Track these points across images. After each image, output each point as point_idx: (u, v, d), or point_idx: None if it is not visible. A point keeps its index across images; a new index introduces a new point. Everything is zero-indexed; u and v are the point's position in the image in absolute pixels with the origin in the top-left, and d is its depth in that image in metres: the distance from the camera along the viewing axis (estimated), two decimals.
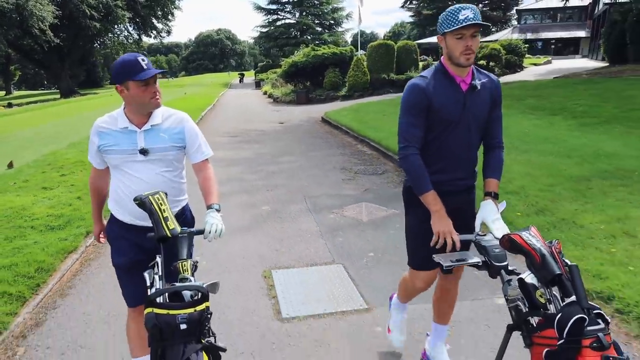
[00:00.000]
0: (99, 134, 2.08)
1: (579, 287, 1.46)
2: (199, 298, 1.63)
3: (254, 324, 3.08)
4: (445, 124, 2.12)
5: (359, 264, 3.99)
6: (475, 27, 1.96)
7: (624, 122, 8.28)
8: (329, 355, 2.75)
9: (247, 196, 6.30)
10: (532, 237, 1.61)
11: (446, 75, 2.10)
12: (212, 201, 2.08)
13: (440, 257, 1.78)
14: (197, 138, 2.20)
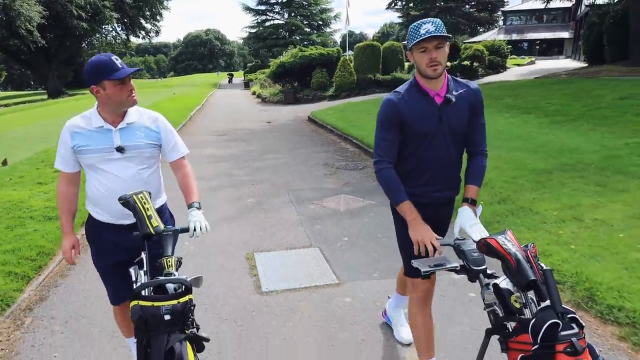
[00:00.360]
0: (72, 134, 2.08)
1: (553, 291, 1.47)
2: (182, 291, 1.70)
3: (237, 297, 3.47)
4: (420, 138, 2.14)
5: (333, 247, 4.39)
6: (437, 40, 1.97)
7: (590, 119, 8.79)
8: (302, 320, 3.14)
9: (233, 190, 6.67)
10: (508, 241, 1.62)
11: (419, 89, 2.12)
12: (192, 199, 2.13)
13: (419, 263, 1.76)
14: (172, 136, 2.24)
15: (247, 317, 3.20)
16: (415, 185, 2.21)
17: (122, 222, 2.09)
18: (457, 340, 2.86)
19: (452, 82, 2.15)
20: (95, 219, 2.20)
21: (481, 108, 2.21)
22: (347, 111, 14.64)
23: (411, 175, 2.21)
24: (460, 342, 2.84)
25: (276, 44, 46.56)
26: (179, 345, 1.63)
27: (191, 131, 13.23)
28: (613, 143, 7.08)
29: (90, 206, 2.20)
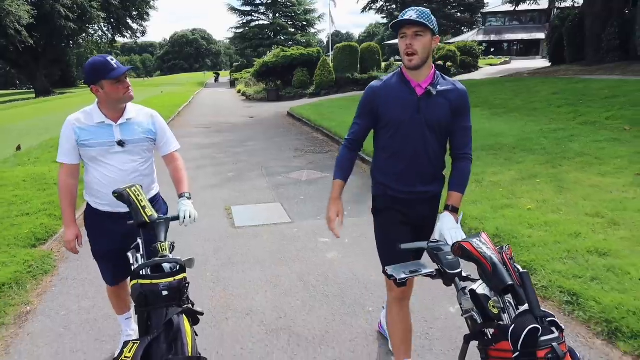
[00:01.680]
0: (74, 129, 2.25)
1: (530, 294, 1.43)
2: (177, 269, 1.87)
3: (217, 229, 4.85)
4: (395, 127, 2.13)
5: (291, 202, 5.80)
6: (416, 27, 1.94)
7: (522, 111, 10.32)
8: (262, 241, 4.53)
9: (216, 167, 8.03)
10: (483, 244, 1.56)
11: (402, 78, 2.12)
12: (183, 190, 2.33)
13: (393, 270, 1.69)
14: (165, 132, 2.44)
15: (223, 239, 4.59)
16: (389, 176, 2.21)
17: (119, 210, 2.23)
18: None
19: (439, 78, 2.13)
20: (93, 208, 2.38)
21: (466, 110, 2.17)
22: (322, 107, 16.03)
23: (386, 165, 2.22)
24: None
25: (261, 44, 47.79)
26: (176, 318, 1.76)
27: (179, 125, 14.50)
28: (531, 129, 8.59)
29: (89, 196, 2.38)
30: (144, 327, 1.82)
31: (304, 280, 3.69)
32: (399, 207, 2.22)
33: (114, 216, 2.29)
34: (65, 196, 2.39)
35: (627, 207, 4.52)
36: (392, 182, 2.21)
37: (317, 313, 3.19)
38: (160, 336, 1.72)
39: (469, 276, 1.64)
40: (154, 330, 1.75)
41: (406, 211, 2.22)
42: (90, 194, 2.36)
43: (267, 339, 2.91)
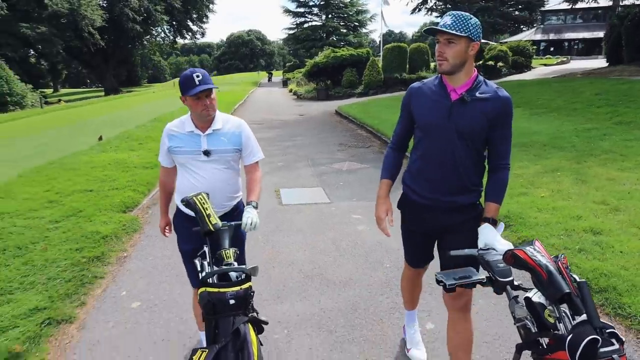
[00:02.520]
0: (169, 136, 2.39)
1: (589, 305, 1.37)
2: (243, 278, 1.88)
3: (268, 206, 5.76)
4: (425, 129, 2.14)
5: (331, 187, 6.63)
6: (448, 34, 1.92)
7: (562, 111, 10.56)
8: (304, 215, 5.39)
9: (268, 158, 8.98)
10: (537, 252, 1.53)
11: (440, 82, 2.11)
12: (251, 198, 2.37)
13: (443, 275, 1.70)
14: (250, 142, 2.48)
15: (273, 213, 5.49)
16: (415, 180, 2.23)
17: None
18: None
19: (481, 84, 2.06)
20: (180, 210, 2.49)
21: (508, 119, 2.08)
22: (369, 106, 16.74)
23: (414, 168, 2.22)
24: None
25: (314, 45, 48.91)
26: (243, 327, 1.79)
27: None
28: (566, 128, 8.92)
29: (178, 198, 2.49)
30: (211, 335, 1.85)
31: (336, 244, 4.50)
32: (420, 213, 2.23)
33: (194, 219, 2.33)
34: (161, 191, 2.70)
35: (634, 197, 4.99)
36: (416, 187, 2.21)
37: (344, 267, 4.00)
38: (227, 345, 1.76)
39: (520, 285, 1.61)
40: (221, 338, 1.78)
41: (426, 218, 2.22)
42: (178, 195, 2.48)
43: (303, 281, 3.76)
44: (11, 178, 6.96)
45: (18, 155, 9.42)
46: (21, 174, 7.16)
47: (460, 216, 2.18)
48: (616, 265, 3.55)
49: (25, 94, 31.13)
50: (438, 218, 2.19)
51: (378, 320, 3.15)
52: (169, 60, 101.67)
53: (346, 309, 3.31)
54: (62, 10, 37.35)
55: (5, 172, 7.44)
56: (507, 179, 2.17)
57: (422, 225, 2.26)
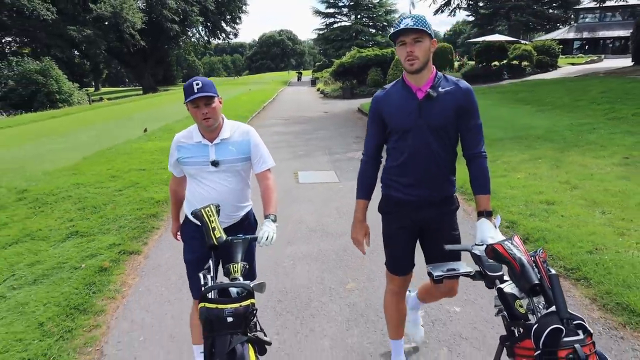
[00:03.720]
0: (177, 147, 2.37)
1: (558, 296, 1.45)
2: (245, 295, 1.82)
3: (287, 184, 6.92)
4: (399, 132, 2.17)
5: (342, 171, 7.75)
6: (415, 33, 1.96)
7: (565, 108, 11.29)
8: (316, 191, 6.53)
9: (291, 148, 10.19)
10: (514, 246, 1.62)
11: (403, 85, 2.15)
12: (269, 211, 2.29)
13: (432, 267, 1.77)
14: (259, 149, 2.43)
15: (290, 189, 6.65)
16: (395, 181, 2.25)
17: None
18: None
19: (441, 79, 2.13)
20: (188, 218, 2.45)
21: (473, 109, 2.14)
22: None
23: (393, 170, 2.25)
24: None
25: (342, 45, 49.90)
26: (240, 347, 1.73)
27: (264, 117, 17.02)
28: (563, 123, 9.71)
29: (187, 208, 2.45)
30: (207, 354, 1.78)
31: (339, 210, 5.62)
32: (404, 210, 2.26)
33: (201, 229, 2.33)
34: (172, 199, 2.70)
35: (594, 178, 5.88)
36: (398, 187, 2.24)
37: (341, 224, 5.11)
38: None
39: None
40: (216, 358, 1.73)
41: (410, 214, 2.26)
42: (188, 205, 2.45)
43: (309, 233, 4.90)
44: (78, 160, 8.41)
45: (77, 144, 10.95)
46: (85, 157, 8.61)
47: (442, 208, 2.26)
48: (553, 225, 4.53)
49: (72, 92, 33.52)
50: (422, 212, 2.24)
51: (361, 257, 4.25)
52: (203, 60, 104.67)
53: (338, 250, 4.43)
54: (106, 14, 39.78)
55: (72, 156, 8.90)
56: (487, 166, 2.19)
57: (407, 221, 2.28)
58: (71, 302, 3.49)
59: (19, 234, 5.00)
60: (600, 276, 3.46)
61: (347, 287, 3.70)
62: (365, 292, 3.61)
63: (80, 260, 4.22)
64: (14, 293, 3.71)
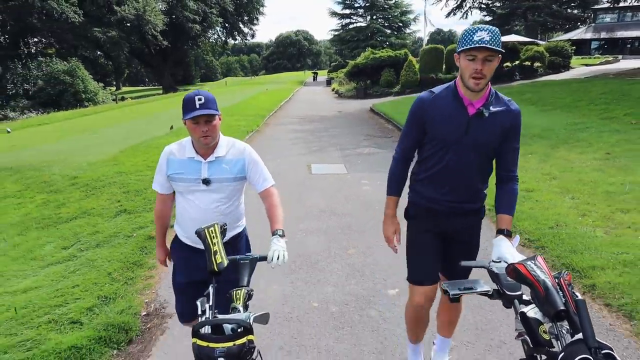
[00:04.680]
0: (168, 161, 2.25)
1: (585, 323, 1.35)
2: (241, 331, 1.62)
3: (301, 175, 7.80)
4: (442, 144, 2.12)
5: (351, 164, 8.60)
6: (489, 51, 1.88)
7: (565, 108, 11.92)
8: (327, 181, 7.39)
9: (305, 144, 11.07)
10: (537, 267, 1.53)
11: (456, 95, 2.07)
12: (276, 227, 2.15)
13: (448, 285, 1.71)
14: (257, 167, 2.30)
15: (304, 179, 7.53)
16: (429, 190, 2.22)
17: (199, 246, 2.10)
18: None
19: (494, 97, 2.08)
20: (177, 237, 2.38)
21: (517, 132, 2.12)
22: (401, 103, 18.45)
23: (427, 179, 2.22)
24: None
25: (357, 45, 50.71)
26: None
27: (281, 116, 17.94)
28: (560, 122, 10.39)
29: (176, 226, 2.38)
30: None
31: (346, 197, 6.48)
32: (432, 217, 2.25)
33: (194, 250, 2.27)
34: (157, 221, 2.50)
35: (573, 170, 6.62)
36: (430, 195, 2.21)
37: (347, 207, 5.96)
38: None
39: (530, 300, 1.58)
40: None
41: (438, 222, 2.24)
42: (177, 223, 2.36)
43: (319, 213, 5.77)
44: (115, 153, 9.42)
45: (110, 139, 12.00)
46: (122, 151, 9.62)
47: (471, 219, 2.28)
48: (527, 208, 5.31)
49: (97, 92, 35.05)
50: (451, 221, 2.23)
51: (361, 231, 5.11)
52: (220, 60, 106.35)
53: (343, 226, 5.29)
54: (129, 16, 41.22)
55: (108, 150, 9.92)
56: (517, 190, 2.21)
57: (435, 227, 2.26)
58: (130, 259, 4.42)
59: (77, 211, 5.97)
60: (555, 245, 4.26)
61: (348, 252, 4.56)
62: (362, 256, 4.46)
63: (131, 230, 5.16)
64: (83, 253, 4.67)
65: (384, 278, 3.97)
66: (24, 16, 35.34)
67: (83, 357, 2.98)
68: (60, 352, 2.97)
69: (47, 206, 6.31)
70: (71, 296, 3.73)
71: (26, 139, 13.38)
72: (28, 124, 19.15)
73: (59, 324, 3.33)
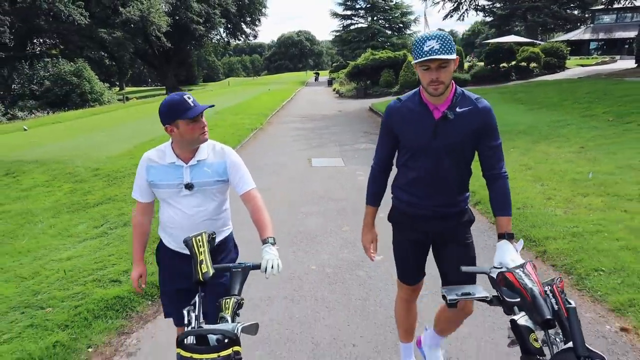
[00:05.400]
0: (147, 168, 2.20)
1: (575, 332, 1.36)
2: (227, 342, 1.58)
3: (302, 167, 8.52)
4: (412, 151, 2.14)
5: (348, 158, 9.33)
6: (439, 60, 1.86)
7: (551, 107, 12.61)
8: (325, 172, 8.11)
9: (307, 140, 11.80)
10: (526, 275, 1.54)
11: (420, 101, 2.08)
12: (266, 235, 2.08)
13: (446, 290, 1.68)
14: (239, 170, 2.26)
15: (305, 171, 8.25)
16: (406, 195, 2.24)
17: (185, 251, 2.06)
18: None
19: (460, 97, 2.07)
20: (164, 244, 2.33)
21: (492, 129, 2.10)
22: None
23: (404, 185, 2.24)
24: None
25: (359, 46, 51.38)
26: None
27: (283, 115, 18.67)
28: (544, 119, 11.08)
29: (161, 232, 2.34)
30: None
31: (342, 185, 7.20)
32: (413, 221, 2.26)
33: (181, 256, 2.22)
34: (136, 234, 2.39)
35: (548, 162, 7.32)
36: (408, 200, 2.23)
37: (342, 193, 6.68)
38: None
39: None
40: None
41: (419, 226, 2.26)
42: (162, 229, 2.33)
43: (318, 198, 6.49)
44: (130, 148, 10.16)
45: (122, 137, 12.74)
46: (136, 146, 10.36)
47: (452, 222, 2.24)
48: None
49: (103, 92, 35.79)
50: (431, 224, 2.23)
51: (354, 213, 5.82)
52: (222, 60, 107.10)
53: (339, 209, 6.01)
54: (134, 18, 42.00)
55: (122, 146, 10.66)
56: (508, 187, 2.15)
57: (416, 232, 2.28)
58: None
59: (102, 197, 6.71)
60: (519, 222, 4.97)
61: (343, 229, 5.28)
62: (355, 232, 5.17)
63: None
64: (112, 231, 5.39)
65: None
66: (31, 18, 36.15)
67: (125, 304, 3.71)
68: (107, 300, 3.70)
69: (75, 194, 7.05)
70: (108, 262, 4.46)
71: (42, 136, 14.13)
72: (42, 123, 19.93)
73: (101, 282, 4.05)
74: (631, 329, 3.04)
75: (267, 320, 3.42)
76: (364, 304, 3.62)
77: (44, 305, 3.70)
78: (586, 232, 4.51)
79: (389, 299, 3.63)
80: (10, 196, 7.21)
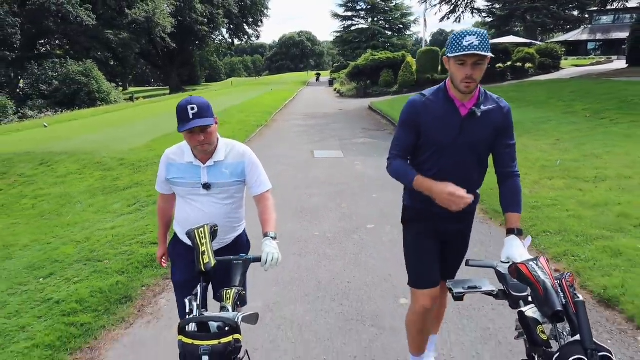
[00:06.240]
0: (167, 165, 2.28)
1: (583, 325, 1.38)
2: (227, 330, 1.63)
3: (305, 158, 9.45)
4: (437, 146, 2.12)
5: (347, 150, 10.25)
6: (477, 56, 1.89)
7: (538, 105, 13.51)
8: (326, 162, 9.04)
9: (309, 136, 12.72)
10: (539, 268, 1.55)
11: (447, 97, 2.09)
12: (268, 229, 2.16)
13: (452, 283, 1.73)
14: (256, 171, 2.32)
15: (308, 161, 9.18)
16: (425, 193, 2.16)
17: None
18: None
19: (483, 96, 2.10)
20: (179, 238, 2.40)
21: (510, 128, 2.16)
22: (397, 102, 20.04)
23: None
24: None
25: (359, 47, 52.28)
26: None
27: (286, 113, 19.60)
28: (529, 116, 11.97)
29: (176, 226, 2.43)
30: None
31: (341, 173, 8.12)
32: (430, 220, 2.26)
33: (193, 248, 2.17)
34: (160, 218, 2.57)
35: (524, 152, 8.22)
36: (426, 198, 2.14)
37: (342, 179, 7.60)
38: None
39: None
40: None
41: (436, 225, 2.26)
42: (177, 223, 2.41)
43: (320, 184, 7.41)
44: (147, 142, 11.09)
45: (136, 133, 13.66)
46: (153, 140, 11.29)
47: (465, 222, 2.32)
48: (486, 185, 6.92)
49: (110, 92, 36.83)
50: (447, 224, 2.25)
51: (352, 195, 6.73)
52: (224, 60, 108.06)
53: (338, 191, 6.93)
54: (140, 19, 43.01)
55: (138, 140, 11.59)
56: (519, 185, 2.19)
57: (431, 230, 2.29)
58: None
59: (130, 183, 7.63)
60: (489, 199, 5.88)
61: (342, 206, 6.20)
62: (351, 209, 6.09)
63: None
64: (145, 208, 6.32)
65: (365, 220, 5.61)
66: (40, 19, 37.15)
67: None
68: (151, 255, 4.62)
69: (105, 179, 7.98)
70: (147, 229, 5.39)
71: (62, 132, 15.08)
72: (59, 120, 20.90)
73: (144, 244, 4.97)
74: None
75: (280, 269, 4.34)
76: (357, 256, 4.54)
77: (101, 259, 4.62)
78: (544, 205, 5.43)
79: (377, 253, 4.55)
80: (48, 182, 8.15)
